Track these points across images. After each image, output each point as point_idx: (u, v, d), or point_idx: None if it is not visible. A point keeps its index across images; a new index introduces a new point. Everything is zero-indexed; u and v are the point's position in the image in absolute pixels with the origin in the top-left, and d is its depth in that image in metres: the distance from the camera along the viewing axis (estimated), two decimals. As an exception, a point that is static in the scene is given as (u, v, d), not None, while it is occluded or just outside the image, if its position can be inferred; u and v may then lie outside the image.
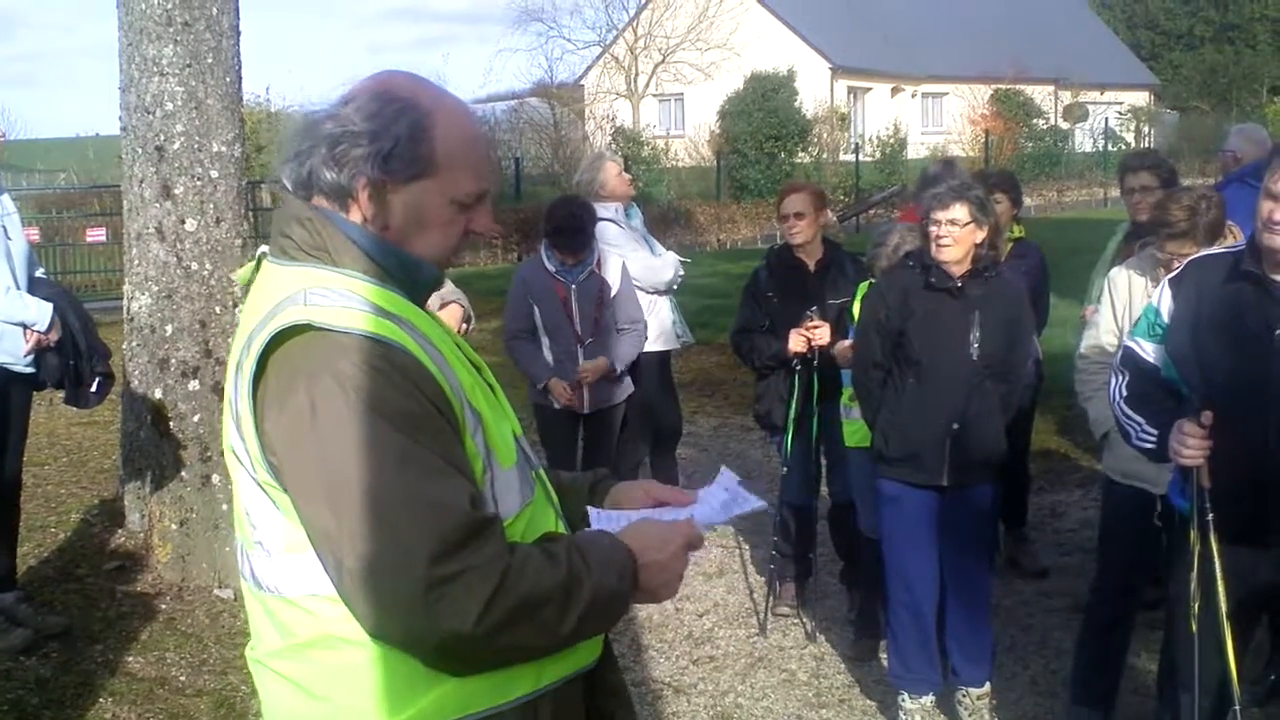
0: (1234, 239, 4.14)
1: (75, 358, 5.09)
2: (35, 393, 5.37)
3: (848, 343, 5.06)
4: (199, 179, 5.82)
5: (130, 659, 5.08)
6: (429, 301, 2.02)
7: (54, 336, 5.00)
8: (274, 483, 1.78)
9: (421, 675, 1.76)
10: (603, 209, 6.30)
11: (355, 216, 1.87)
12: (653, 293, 6.49)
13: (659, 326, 6.54)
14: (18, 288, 4.94)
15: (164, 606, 5.58)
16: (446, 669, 1.76)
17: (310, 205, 1.89)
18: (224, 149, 5.93)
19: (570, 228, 5.73)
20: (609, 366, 5.83)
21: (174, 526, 5.86)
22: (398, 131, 1.84)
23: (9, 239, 4.97)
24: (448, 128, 1.89)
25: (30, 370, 5.03)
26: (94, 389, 5.18)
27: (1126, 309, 4.43)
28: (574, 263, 5.81)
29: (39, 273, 5.24)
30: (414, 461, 1.70)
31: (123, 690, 4.83)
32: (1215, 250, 3.63)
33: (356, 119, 1.84)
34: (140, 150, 5.82)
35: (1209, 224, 4.01)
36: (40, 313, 4.93)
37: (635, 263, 6.30)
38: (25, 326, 4.91)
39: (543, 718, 1.87)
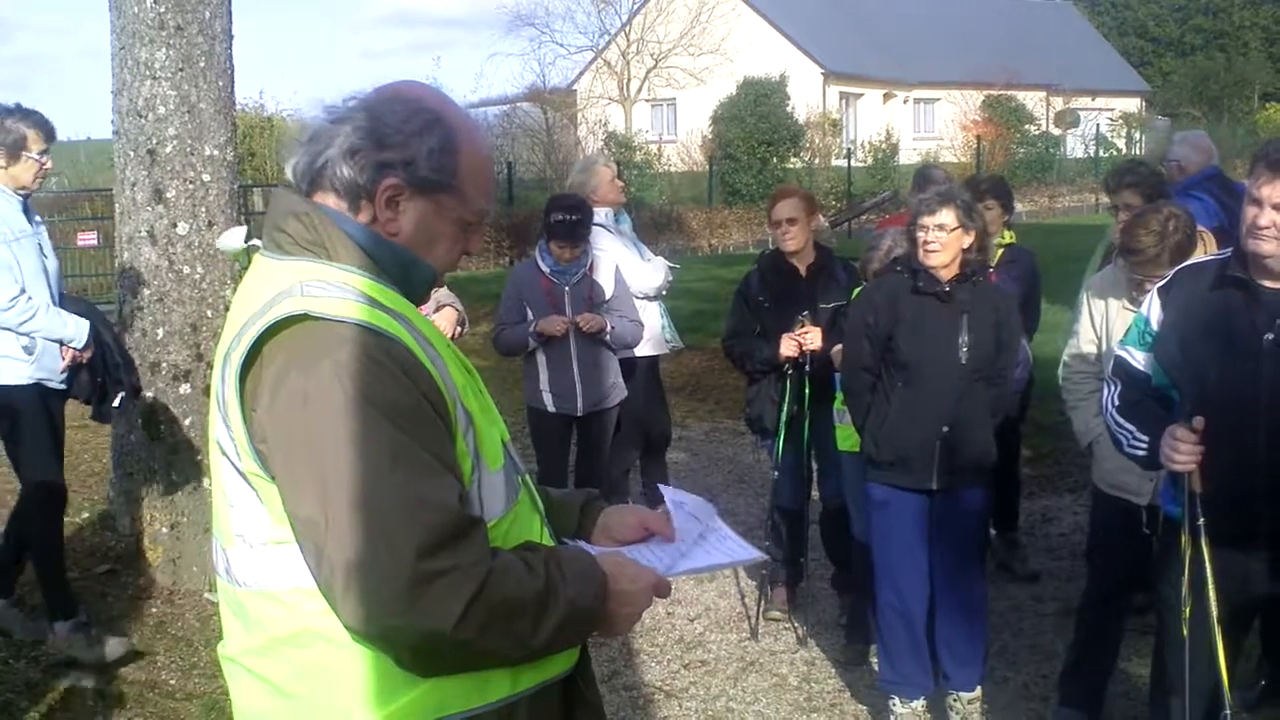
0: (1205, 248, 4.16)
1: (104, 374, 5.07)
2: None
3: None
4: (191, 183, 5.82)
5: (121, 662, 5.07)
6: (426, 306, 2.02)
7: (88, 354, 4.98)
8: (260, 472, 1.76)
9: (398, 676, 1.75)
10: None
11: (364, 217, 1.87)
12: (642, 298, 6.50)
13: (649, 332, 6.53)
14: (55, 305, 4.94)
15: (155, 610, 5.58)
16: (418, 670, 1.75)
17: (308, 200, 1.88)
18: (216, 153, 5.93)
19: (570, 217, 5.75)
20: (603, 323, 5.82)
21: (165, 530, 5.86)
22: (430, 143, 1.85)
23: (44, 256, 4.97)
24: (471, 146, 1.91)
25: (63, 386, 5.01)
26: (116, 404, 5.15)
27: (1104, 317, 4.48)
28: (570, 259, 5.82)
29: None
30: (406, 456, 1.69)
31: (113, 694, 4.82)
32: (1202, 258, 3.64)
33: (387, 123, 1.85)
34: (132, 154, 5.82)
35: (1175, 246, 4.02)
36: (78, 330, 4.91)
37: (625, 268, 6.31)
38: (62, 343, 4.90)
39: None
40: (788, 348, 5.36)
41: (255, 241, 1.97)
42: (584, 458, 6.16)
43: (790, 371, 5.43)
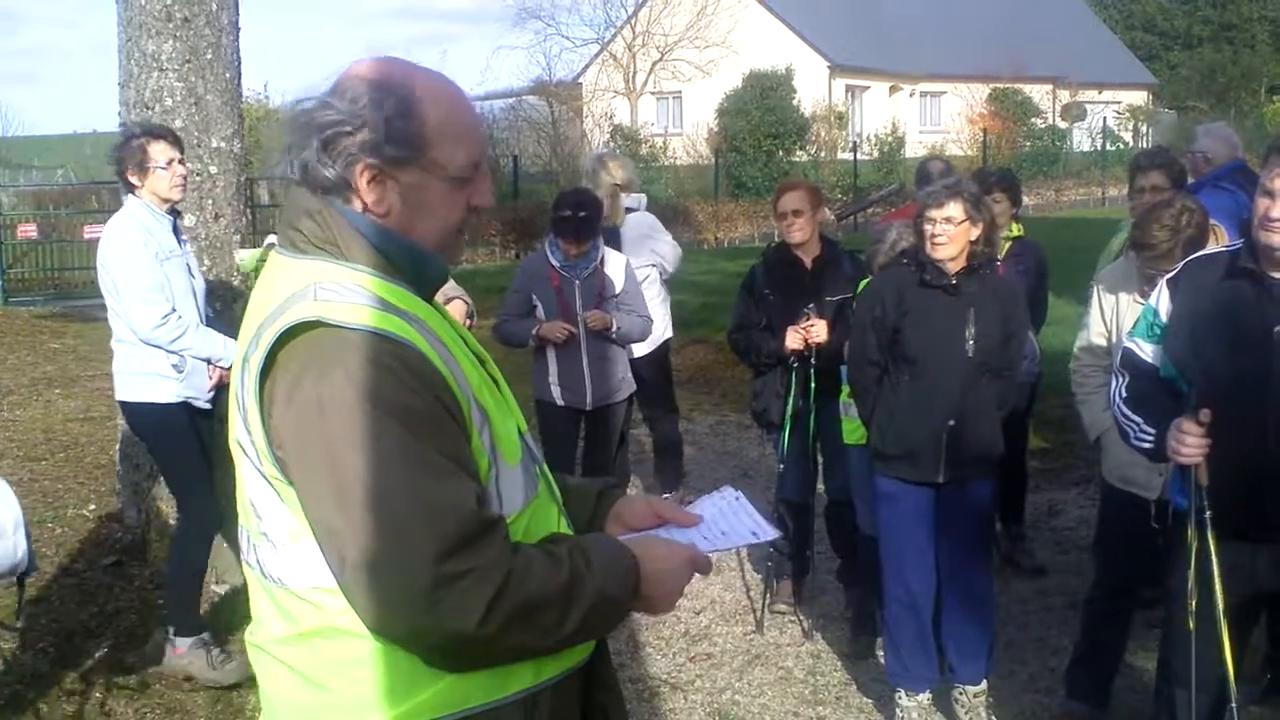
0: (1216, 241, 4.14)
1: None
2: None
3: None
4: (198, 175, 5.82)
5: (127, 654, 5.08)
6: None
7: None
8: (280, 476, 1.78)
9: (422, 669, 1.77)
10: (629, 200, 6.84)
11: (357, 206, 1.87)
12: (665, 280, 6.91)
13: (662, 322, 6.91)
14: (202, 323, 4.91)
15: (161, 602, 5.58)
16: (446, 667, 1.77)
17: (320, 198, 1.88)
18: (223, 145, 5.93)
19: (577, 214, 5.75)
20: (609, 320, 5.83)
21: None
22: (387, 114, 1.83)
23: (192, 277, 4.92)
24: (433, 102, 1.87)
25: (209, 406, 4.94)
26: None
27: (1114, 310, 4.47)
28: (577, 254, 5.81)
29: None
30: (420, 460, 1.70)
31: (119, 685, 4.83)
32: (1212, 249, 3.63)
33: (344, 108, 1.83)
34: (138, 146, 5.81)
35: (1187, 240, 4.01)
36: (226, 349, 4.84)
37: (666, 246, 6.94)
38: (210, 362, 4.86)
39: (541, 712, 1.87)
40: (793, 340, 5.35)
41: (271, 238, 1.97)
42: (591, 451, 6.16)
43: (796, 364, 5.42)
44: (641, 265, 6.86)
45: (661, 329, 7.06)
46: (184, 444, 4.92)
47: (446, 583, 1.67)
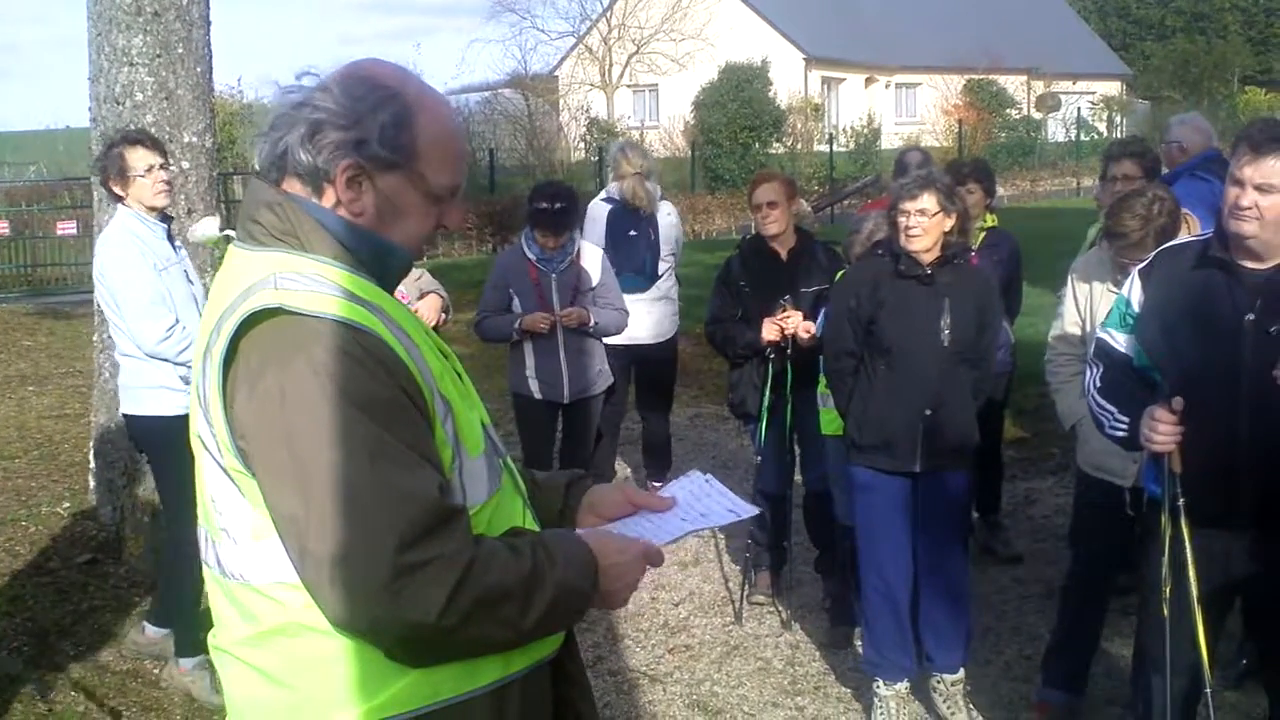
0: (1188, 230, 4.16)
1: None
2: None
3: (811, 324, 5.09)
4: (170, 170, 5.78)
5: (102, 652, 5.06)
6: (409, 293, 2.00)
7: None
8: (241, 468, 1.76)
9: (390, 663, 1.75)
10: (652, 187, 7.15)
11: (328, 200, 1.86)
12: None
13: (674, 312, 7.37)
14: None
15: (136, 599, 5.55)
16: (408, 660, 1.75)
17: (280, 190, 1.87)
18: (195, 140, 5.90)
19: (554, 206, 5.74)
20: (587, 317, 5.83)
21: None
22: (382, 119, 1.82)
23: (191, 283, 4.86)
24: (430, 120, 1.87)
25: None
26: None
27: (1088, 299, 4.49)
28: (554, 247, 5.80)
29: None
30: (384, 449, 1.69)
31: (95, 683, 4.81)
32: (1184, 239, 3.65)
33: (340, 102, 1.82)
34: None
35: (1159, 229, 4.02)
36: None
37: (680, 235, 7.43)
38: None
39: (511, 705, 1.87)
40: (770, 332, 5.36)
41: (230, 232, 1.96)
42: (569, 444, 6.15)
43: (773, 356, 5.43)
44: (666, 255, 6.94)
45: (673, 320, 7.13)
46: (188, 460, 4.84)
47: (408, 572, 1.65)
